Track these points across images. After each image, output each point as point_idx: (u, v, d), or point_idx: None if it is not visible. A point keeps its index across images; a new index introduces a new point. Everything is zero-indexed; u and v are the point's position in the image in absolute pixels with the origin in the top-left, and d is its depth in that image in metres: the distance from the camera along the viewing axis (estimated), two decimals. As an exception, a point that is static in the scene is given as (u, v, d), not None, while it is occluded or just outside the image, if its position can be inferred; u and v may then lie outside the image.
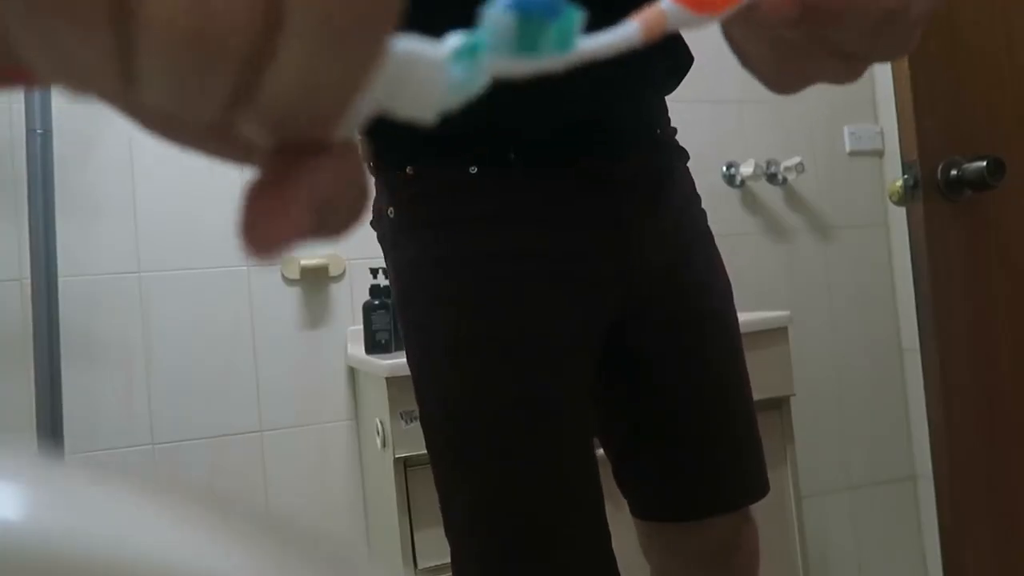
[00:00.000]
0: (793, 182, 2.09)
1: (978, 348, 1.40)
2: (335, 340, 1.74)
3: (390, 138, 0.84)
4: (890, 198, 1.42)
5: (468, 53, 0.22)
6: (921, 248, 1.36)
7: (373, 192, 0.82)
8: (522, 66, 0.23)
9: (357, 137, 0.24)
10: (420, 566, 1.32)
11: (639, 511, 1.00)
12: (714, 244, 1.00)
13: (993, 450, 1.40)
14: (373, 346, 1.63)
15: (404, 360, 0.89)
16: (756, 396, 1.33)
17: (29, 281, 1.45)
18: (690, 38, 0.92)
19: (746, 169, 2.01)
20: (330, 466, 1.72)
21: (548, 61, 0.23)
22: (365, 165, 0.59)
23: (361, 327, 1.68)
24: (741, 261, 1.84)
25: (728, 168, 2.04)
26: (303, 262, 1.71)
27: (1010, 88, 1.43)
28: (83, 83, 0.19)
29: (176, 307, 1.65)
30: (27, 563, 0.16)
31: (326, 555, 0.20)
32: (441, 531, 0.83)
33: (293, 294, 1.72)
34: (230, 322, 1.68)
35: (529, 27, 0.22)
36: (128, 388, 1.61)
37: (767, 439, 1.55)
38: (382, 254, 0.93)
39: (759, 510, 0.99)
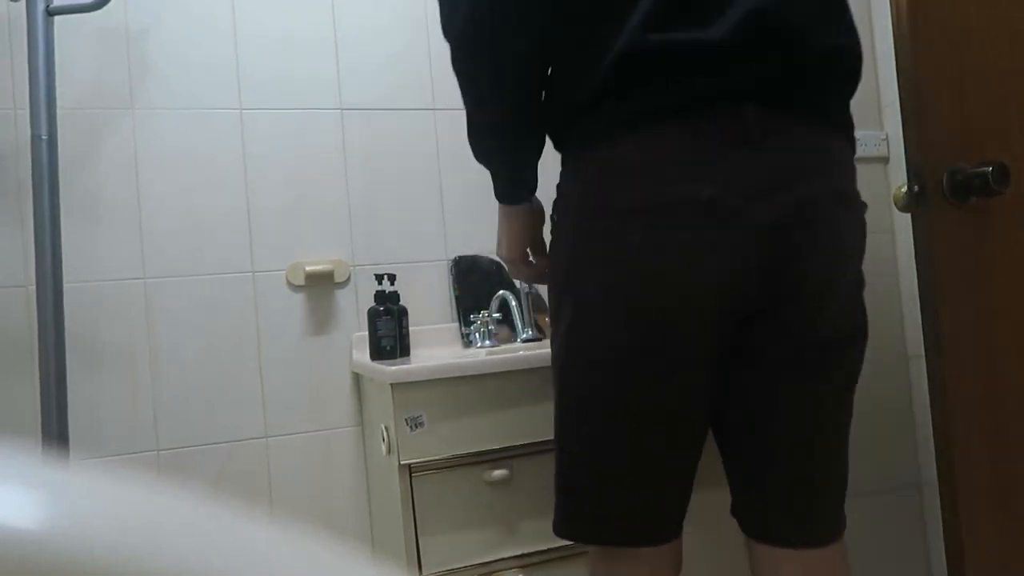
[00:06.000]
0: (798, 188, 2.08)
1: (983, 355, 1.39)
2: (340, 346, 1.74)
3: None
4: (895, 204, 1.41)
5: None
6: (926, 254, 1.36)
7: None
8: None
9: None
10: (425, 572, 1.32)
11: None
12: None
13: (998, 458, 1.39)
14: (378, 352, 1.63)
15: (408, 366, 0.89)
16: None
17: (34, 287, 1.45)
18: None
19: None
20: (335, 472, 1.72)
21: None
22: None
23: (366, 333, 1.68)
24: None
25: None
26: (308, 268, 1.71)
27: (1015, 95, 1.43)
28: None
29: (181, 313, 1.65)
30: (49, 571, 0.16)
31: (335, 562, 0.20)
32: (444, 537, 0.83)
33: (298, 300, 1.73)
34: (235, 328, 1.68)
35: None
36: (133, 394, 1.61)
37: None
38: (386, 260, 0.94)
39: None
